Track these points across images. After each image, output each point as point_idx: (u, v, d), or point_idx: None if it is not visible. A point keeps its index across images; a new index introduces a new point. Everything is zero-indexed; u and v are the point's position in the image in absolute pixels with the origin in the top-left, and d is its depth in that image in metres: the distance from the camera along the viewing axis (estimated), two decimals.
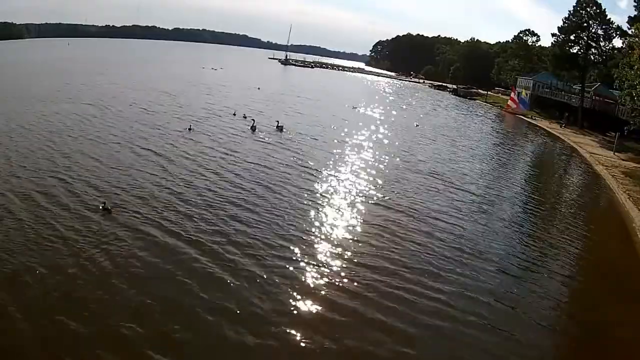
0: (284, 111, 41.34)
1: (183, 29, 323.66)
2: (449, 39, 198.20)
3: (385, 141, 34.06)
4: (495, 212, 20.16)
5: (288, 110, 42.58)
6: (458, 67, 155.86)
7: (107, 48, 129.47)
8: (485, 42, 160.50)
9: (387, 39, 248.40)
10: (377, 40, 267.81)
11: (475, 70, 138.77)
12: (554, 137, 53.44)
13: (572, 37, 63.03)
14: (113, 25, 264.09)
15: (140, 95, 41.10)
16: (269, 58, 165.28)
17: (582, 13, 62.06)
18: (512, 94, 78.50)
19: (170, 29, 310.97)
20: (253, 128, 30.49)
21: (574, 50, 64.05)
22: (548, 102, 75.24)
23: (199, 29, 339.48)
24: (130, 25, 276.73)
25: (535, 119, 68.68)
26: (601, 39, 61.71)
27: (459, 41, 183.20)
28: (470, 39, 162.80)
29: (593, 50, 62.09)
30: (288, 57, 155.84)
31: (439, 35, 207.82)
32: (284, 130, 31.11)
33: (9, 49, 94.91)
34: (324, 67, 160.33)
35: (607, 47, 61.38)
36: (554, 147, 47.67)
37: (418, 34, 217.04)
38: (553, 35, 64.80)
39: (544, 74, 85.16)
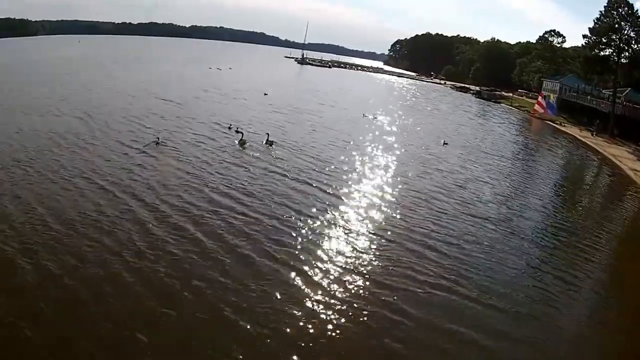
0: (289, 122, 35.64)
1: (200, 26, 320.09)
2: (469, 38, 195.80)
3: (404, 169, 26.21)
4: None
5: (294, 122, 36.12)
6: (478, 67, 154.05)
7: (117, 46, 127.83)
8: (505, 42, 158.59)
9: (406, 38, 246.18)
10: (395, 40, 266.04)
11: (496, 71, 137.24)
12: (588, 148, 51.22)
13: (603, 39, 61.37)
14: (130, 23, 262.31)
15: (119, 102, 35.68)
16: (285, 57, 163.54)
17: (613, 14, 60.59)
18: (540, 98, 76.94)
19: (187, 26, 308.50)
20: (242, 142, 25.47)
21: (605, 53, 62.64)
22: (575, 106, 73.49)
23: (216, 27, 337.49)
24: (147, 22, 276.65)
25: (564, 126, 67.16)
26: (633, 42, 60.35)
27: (479, 41, 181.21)
28: (491, 39, 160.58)
29: (625, 53, 60.60)
30: (305, 56, 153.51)
31: (458, 35, 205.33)
32: (273, 145, 26.08)
33: (16, 48, 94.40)
34: (342, 67, 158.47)
35: None
36: (591, 160, 44.93)
37: (437, 33, 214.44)
38: (584, 37, 62.96)
39: (570, 77, 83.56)
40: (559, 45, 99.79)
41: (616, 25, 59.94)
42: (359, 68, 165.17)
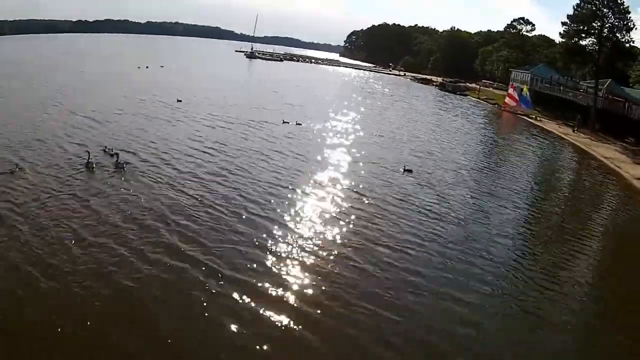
0: (177, 139, 26.53)
1: (155, 22, 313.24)
2: (427, 28, 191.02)
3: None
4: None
5: (183, 138, 27.06)
6: (438, 57, 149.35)
7: (61, 45, 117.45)
8: (465, 31, 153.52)
9: (362, 29, 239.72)
10: (351, 31, 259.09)
11: (457, 61, 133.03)
12: (573, 148, 44.99)
13: (584, 27, 54.78)
14: (86, 20, 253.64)
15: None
16: (236, 51, 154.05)
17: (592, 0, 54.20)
18: (511, 90, 70.01)
19: (142, 22, 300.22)
20: (89, 165, 19.45)
21: (585, 42, 56.23)
22: (548, 99, 67.49)
23: (172, 22, 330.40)
24: (103, 19, 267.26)
25: (539, 120, 60.78)
26: (615, 30, 53.93)
27: (437, 30, 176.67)
28: (451, 28, 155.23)
29: (607, 42, 54.11)
30: (254, 50, 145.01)
31: (416, 25, 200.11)
32: (125, 168, 19.84)
33: None
34: (294, 60, 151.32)
35: (625, 40, 53.64)
36: (583, 166, 38.22)
37: (394, 23, 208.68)
38: (563, 24, 56.43)
39: (541, 67, 77.95)
40: (527, 34, 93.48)
41: (598, 12, 53.33)
42: (313, 61, 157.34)
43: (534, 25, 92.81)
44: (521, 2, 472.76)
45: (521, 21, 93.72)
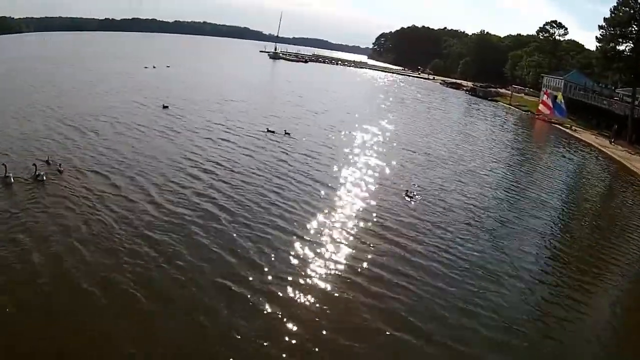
0: (134, 152, 23.79)
1: (183, 21, 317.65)
2: (456, 31, 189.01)
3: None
4: None
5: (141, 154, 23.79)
6: (467, 61, 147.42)
7: (80, 42, 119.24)
8: (495, 35, 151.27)
9: (391, 31, 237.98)
10: (380, 33, 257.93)
11: (486, 65, 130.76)
12: (615, 164, 42.40)
13: (622, 31, 53.09)
14: (113, 19, 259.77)
15: None
16: (260, 51, 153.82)
17: (632, 2, 52.25)
18: (545, 97, 68.54)
19: (170, 21, 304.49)
20: (5, 179, 17.61)
21: (621, 47, 54.54)
22: (582, 106, 65.82)
23: (200, 22, 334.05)
24: (130, 18, 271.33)
25: (575, 130, 59.38)
26: None
27: (467, 34, 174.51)
28: (480, 31, 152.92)
29: None
30: (278, 50, 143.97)
31: (445, 28, 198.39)
32: (45, 180, 18.11)
33: None
34: (320, 61, 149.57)
35: None
36: (625, 181, 35.61)
37: (423, 26, 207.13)
38: (600, 27, 54.84)
39: (574, 73, 76.11)
40: (560, 38, 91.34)
41: (636, 16, 51.73)
42: (340, 62, 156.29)
43: (566, 29, 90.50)
44: (547, 9, 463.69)
45: (553, 25, 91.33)
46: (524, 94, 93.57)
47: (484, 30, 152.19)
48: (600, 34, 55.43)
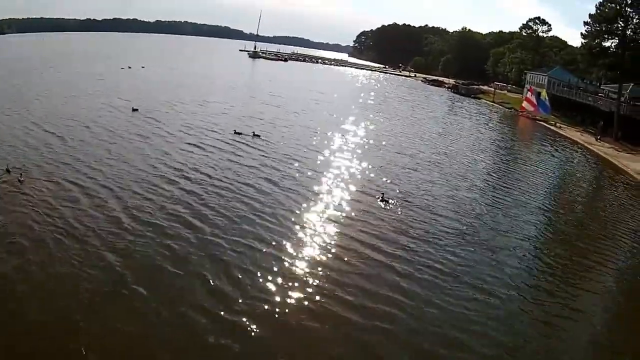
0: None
1: (164, 21, 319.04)
2: (437, 28, 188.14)
3: None
4: None
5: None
6: (449, 58, 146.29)
7: (60, 43, 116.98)
8: (477, 32, 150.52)
9: (372, 29, 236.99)
10: (361, 31, 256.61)
11: (468, 62, 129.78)
12: (602, 162, 41.11)
13: (607, 27, 51.70)
14: (94, 19, 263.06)
15: None
16: (240, 50, 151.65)
17: None
18: (529, 94, 67.19)
19: (152, 21, 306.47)
20: None
21: (607, 43, 53.26)
22: (566, 103, 64.65)
23: (180, 21, 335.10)
24: (112, 19, 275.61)
25: (559, 127, 58.11)
26: None
27: (448, 31, 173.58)
28: (462, 29, 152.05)
29: (632, 44, 51.07)
30: (257, 49, 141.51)
31: (426, 25, 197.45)
32: None
33: None
34: (300, 60, 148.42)
35: None
36: (613, 179, 34.30)
37: (404, 24, 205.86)
38: (585, 23, 53.46)
39: (558, 69, 74.96)
40: (544, 34, 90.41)
41: (622, 12, 50.44)
42: (320, 61, 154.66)
43: (550, 25, 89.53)
44: (530, 3, 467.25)
45: (537, 21, 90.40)
46: (507, 91, 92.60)
47: (465, 28, 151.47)
48: (586, 30, 54.10)
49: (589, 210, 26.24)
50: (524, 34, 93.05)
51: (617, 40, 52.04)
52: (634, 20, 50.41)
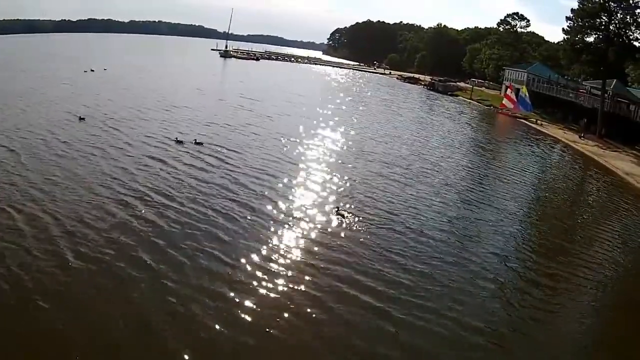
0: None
1: (139, 21, 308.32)
2: (412, 25, 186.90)
3: None
4: None
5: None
6: (424, 55, 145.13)
7: (31, 45, 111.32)
8: (452, 28, 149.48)
9: (346, 27, 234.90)
10: (335, 28, 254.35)
11: (444, 59, 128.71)
12: (589, 161, 39.35)
13: (590, 22, 49.99)
14: (69, 20, 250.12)
15: None
16: (212, 49, 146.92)
17: None
18: (509, 91, 65.18)
19: (126, 21, 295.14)
20: None
21: (590, 39, 51.60)
22: (547, 100, 63.13)
23: (155, 21, 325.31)
24: (86, 19, 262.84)
25: (541, 124, 56.28)
26: (622, 26, 49.31)
27: (423, 28, 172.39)
28: (437, 25, 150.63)
29: (615, 39, 49.47)
30: (229, 48, 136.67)
31: (401, 22, 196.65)
32: None
33: None
34: (272, 59, 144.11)
35: (633, 37, 49.07)
36: (610, 192, 30.52)
37: (378, 20, 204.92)
38: (568, 18, 51.57)
39: (537, 65, 73.56)
40: (522, 30, 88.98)
41: (606, 6, 48.67)
42: (293, 59, 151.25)
43: (528, 21, 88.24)
44: (506, 2, 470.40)
45: (515, 17, 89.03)
46: (485, 87, 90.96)
47: (440, 24, 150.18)
48: (568, 26, 52.19)
49: (573, 210, 25.26)
50: (501, 29, 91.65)
51: (601, 36, 50.36)
52: (618, 15, 48.76)
